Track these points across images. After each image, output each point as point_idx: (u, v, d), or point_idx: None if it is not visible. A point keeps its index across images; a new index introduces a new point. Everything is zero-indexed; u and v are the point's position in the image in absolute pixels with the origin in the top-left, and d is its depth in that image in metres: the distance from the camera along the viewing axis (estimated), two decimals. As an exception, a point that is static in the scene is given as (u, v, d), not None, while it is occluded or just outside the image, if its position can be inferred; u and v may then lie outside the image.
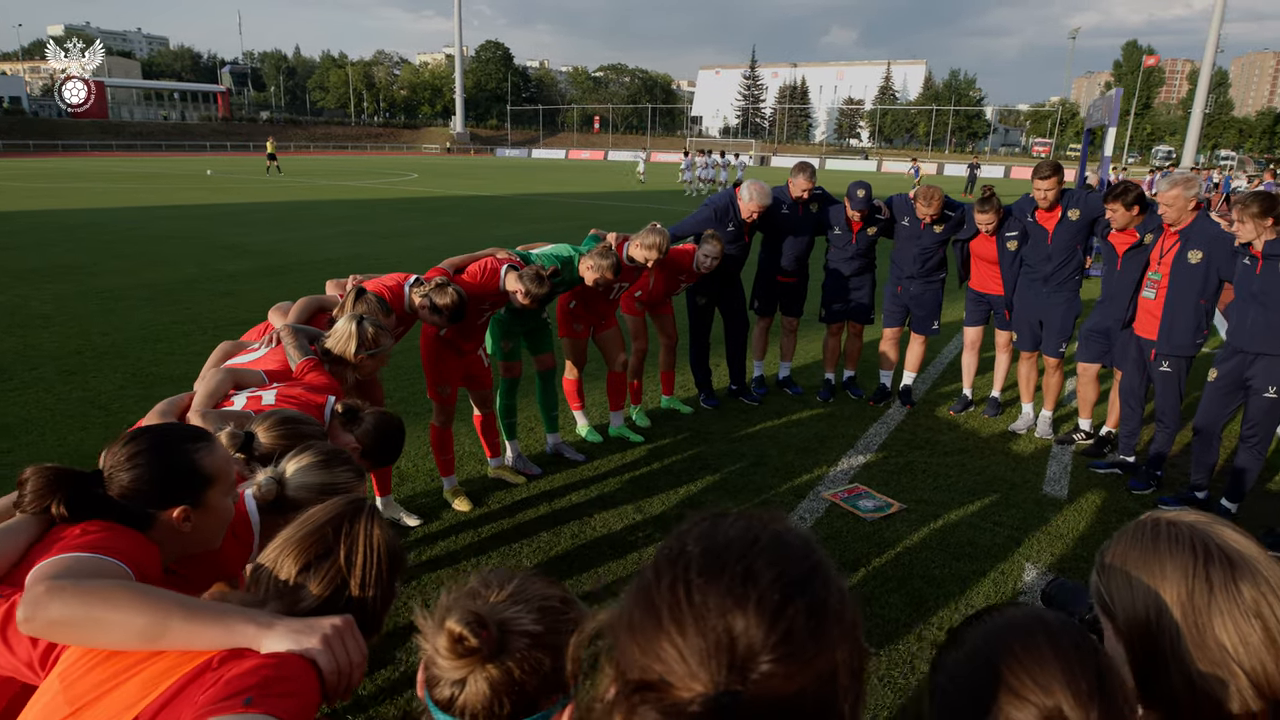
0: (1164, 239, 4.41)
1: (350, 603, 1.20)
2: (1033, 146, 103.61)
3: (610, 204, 24.04)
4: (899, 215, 5.61)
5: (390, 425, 2.46)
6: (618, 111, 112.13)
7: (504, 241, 14.19)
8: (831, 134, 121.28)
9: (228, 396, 2.46)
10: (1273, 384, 3.90)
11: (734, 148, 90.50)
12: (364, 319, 2.85)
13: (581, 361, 4.98)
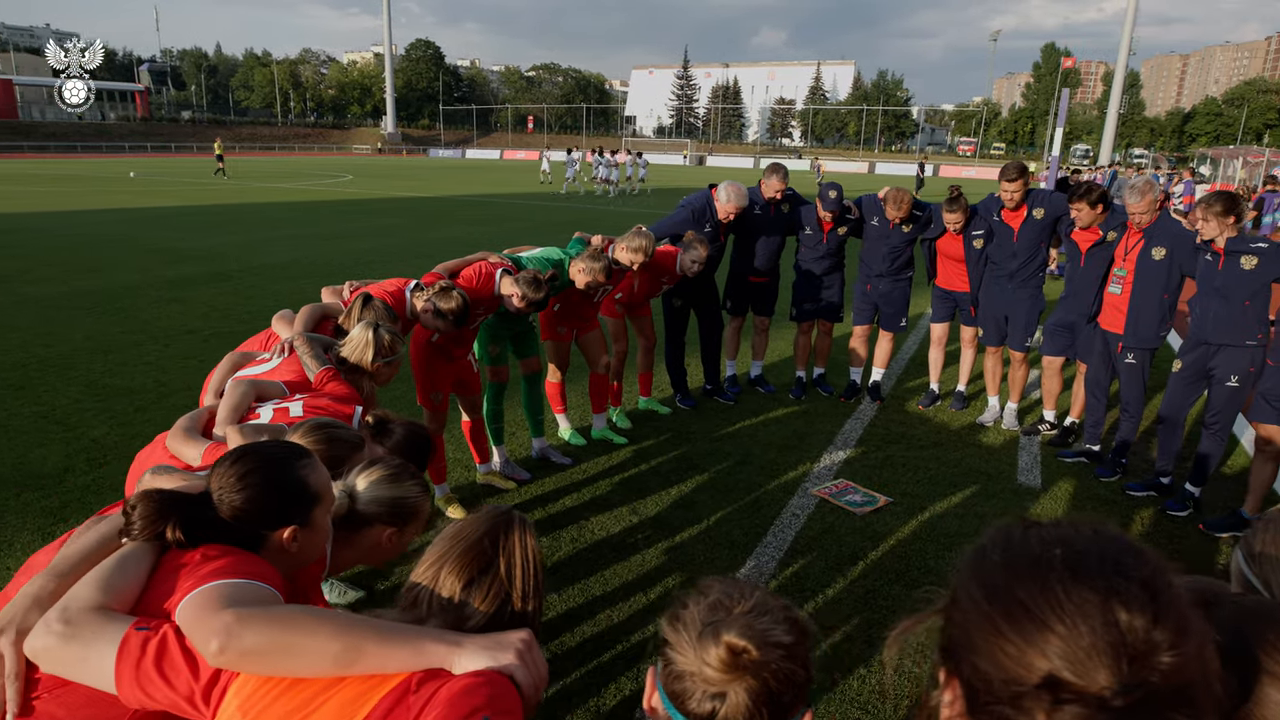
0: (1128, 237, 4.62)
1: (513, 616, 1.17)
2: (958, 145, 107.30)
3: (552, 205, 23.92)
4: (868, 215, 5.73)
5: (420, 436, 2.40)
6: (552, 111, 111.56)
7: (455, 242, 13.93)
8: (764, 134, 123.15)
9: (252, 409, 2.37)
10: (1234, 373, 4.13)
11: (669, 148, 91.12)
12: (380, 326, 2.78)
13: (564, 364, 4.95)
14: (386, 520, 1.70)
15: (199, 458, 2.15)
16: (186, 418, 2.34)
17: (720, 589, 0.97)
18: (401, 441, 2.36)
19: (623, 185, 30.85)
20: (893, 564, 3.72)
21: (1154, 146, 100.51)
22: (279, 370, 2.67)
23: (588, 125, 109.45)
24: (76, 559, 1.39)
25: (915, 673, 2.96)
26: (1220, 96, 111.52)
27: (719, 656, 0.87)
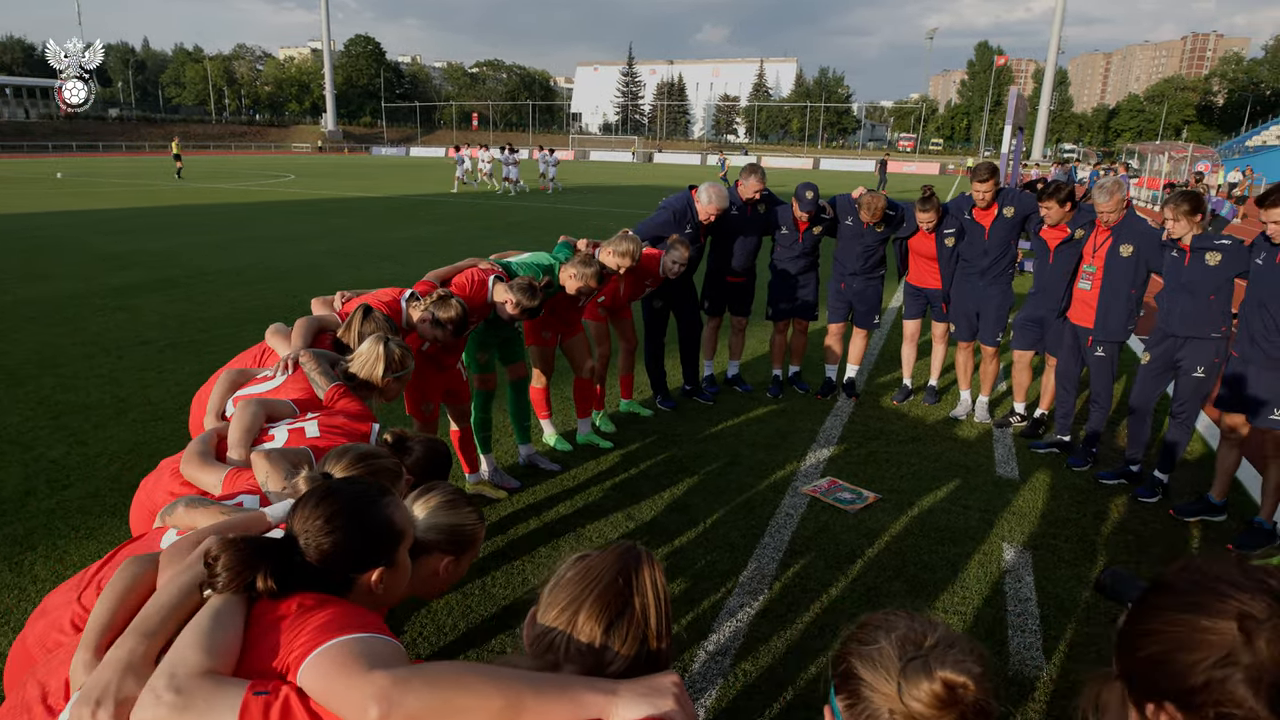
0: (1097, 234, 4.78)
1: (649, 656, 1.14)
2: (898, 141, 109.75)
3: (509, 205, 23.67)
4: (842, 215, 5.81)
5: (439, 452, 2.34)
6: (497, 109, 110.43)
7: (413, 244, 13.70)
8: (710, 130, 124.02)
9: (264, 430, 2.28)
10: (1200, 364, 4.31)
11: (616, 145, 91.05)
12: (390, 340, 2.71)
13: (549, 369, 4.89)
14: (445, 548, 1.65)
15: (219, 484, 2.06)
16: (198, 441, 2.24)
17: (904, 624, 0.96)
18: (421, 459, 2.30)
19: (528, 184, 29.61)
20: (890, 561, 3.78)
21: (1082, 141, 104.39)
22: (284, 388, 2.57)
23: (533, 123, 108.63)
24: (161, 617, 1.31)
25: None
26: (1142, 94, 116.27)
27: (932, 692, 0.87)
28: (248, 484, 2.00)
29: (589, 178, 39.49)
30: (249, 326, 7.82)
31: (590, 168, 56.23)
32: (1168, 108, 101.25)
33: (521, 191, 28.44)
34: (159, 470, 2.34)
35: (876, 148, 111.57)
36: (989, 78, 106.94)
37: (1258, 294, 3.95)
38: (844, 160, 73.49)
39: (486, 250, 4.67)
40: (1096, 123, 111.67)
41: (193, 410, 3.05)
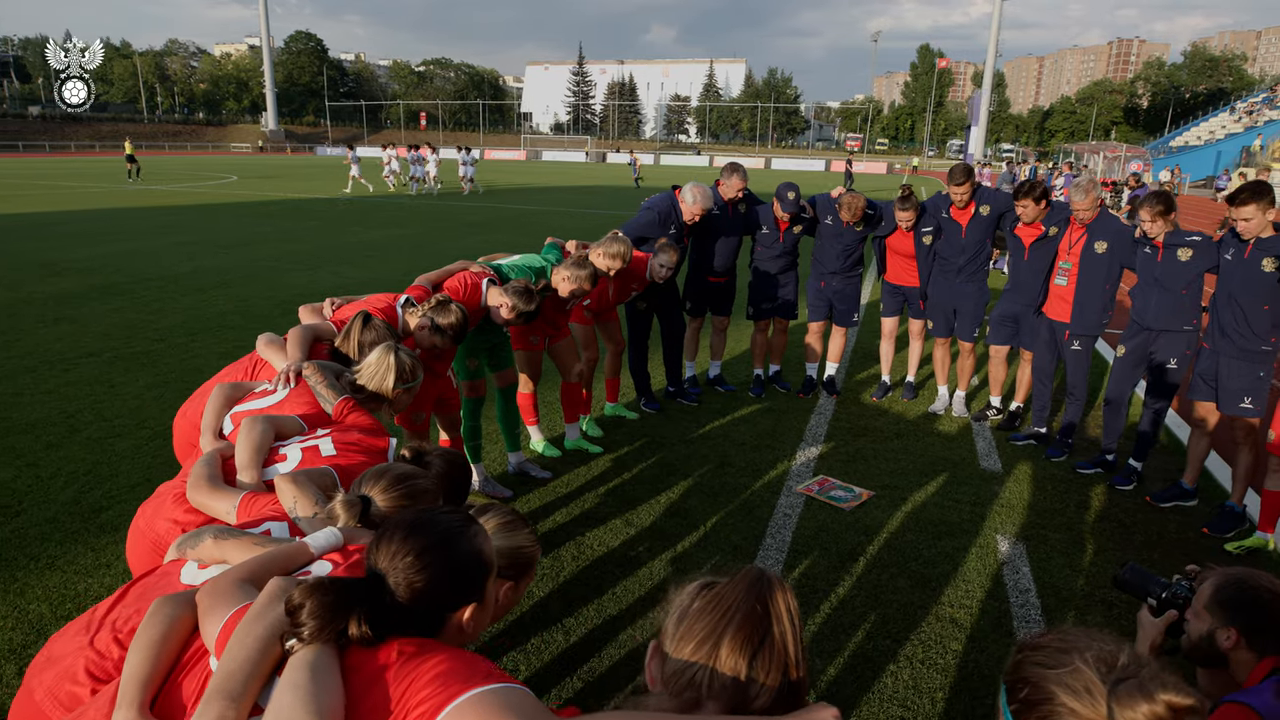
0: (1071, 232, 4.90)
1: (789, 686, 1.09)
2: (846, 141, 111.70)
3: (468, 206, 23.34)
4: (822, 214, 5.85)
5: (459, 466, 2.26)
6: (446, 108, 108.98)
7: (370, 248, 13.46)
8: (661, 130, 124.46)
9: (275, 449, 2.16)
10: (1174, 356, 4.45)
11: (569, 145, 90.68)
12: (399, 348, 2.60)
13: (537, 374, 4.81)
14: (505, 574, 1.57)
15: (232, 511, 1.94)
16: (203, 464, 2.11)
17: (1088, 642, 0.94)
18: (443, 474, 2.21)
19: (427, 185, 27.63)
20: (891, 558, 3.80)
21: (1019, 141, 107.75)
22: (288, 403, 2.45)
23: (484, 122, 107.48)
24: (244, 676, 1.20)
25: (941, 664, 3.04)
26: (1074, 96, 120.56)
27: (1152, 714, 0.84)
28: (270, 510, 1.89)
29: (529, 178, 39.23)
30: (203, 336, 7.54)
31: (538, 168, 55.86)
32: (1097, 109, 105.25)
33: (429, 194, 26.92)
34: (158, 497, 2.19)
35: (825, 147, 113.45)
36: (931, 79, 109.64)
37: (1228, 288, 4.09)
38: (794, 160, 74.50)
39: (445, 252, 4.56)
40: (1032, 123, 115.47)
41: (177, 428, 2.89)
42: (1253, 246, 3.97)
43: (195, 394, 2.95)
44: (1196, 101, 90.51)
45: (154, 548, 2.05)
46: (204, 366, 6.48)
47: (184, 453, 2.81)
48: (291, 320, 3.27)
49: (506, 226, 17.73)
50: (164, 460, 4.62)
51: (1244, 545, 4.00)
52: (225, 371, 2.97)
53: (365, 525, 1.73)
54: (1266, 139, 39.43)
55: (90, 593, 3.32)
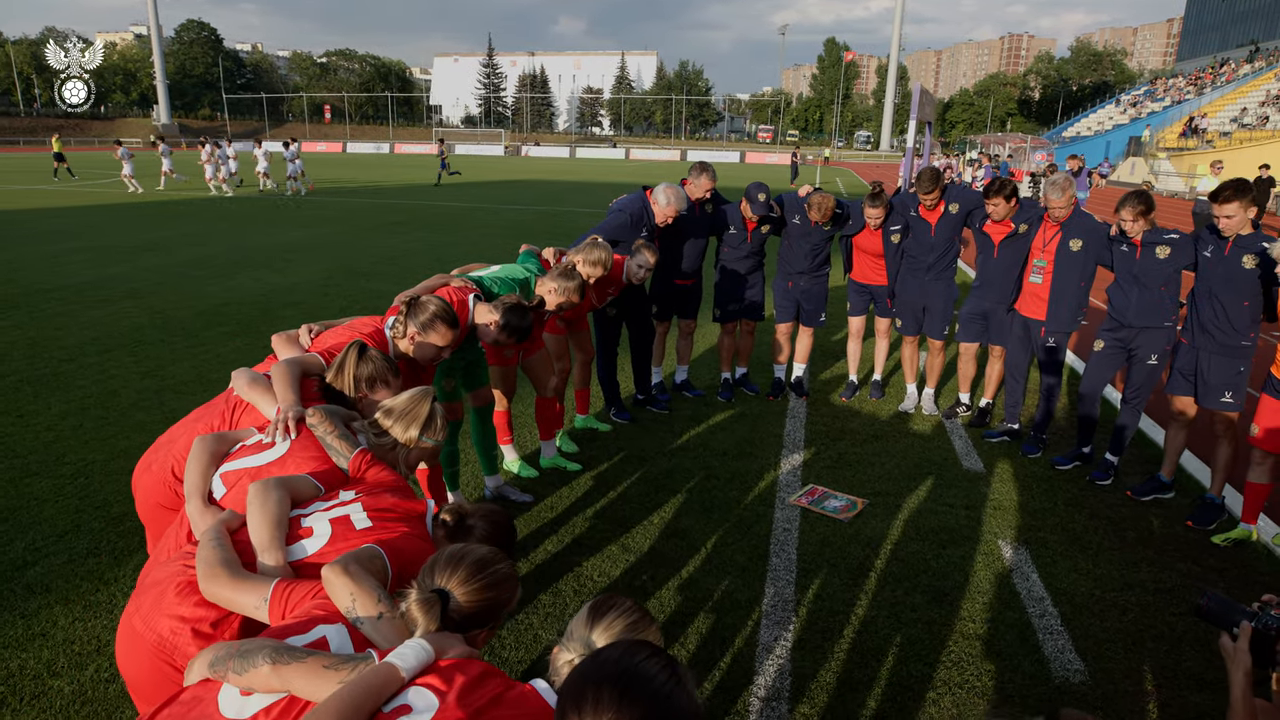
0: (1045, 229, 4.91)
1: None
2: (758, 133, 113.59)
3: (386, 204, 22.42)
4: (790, 214, 5.73)
5: (503, 528, 1.99)
6: (352, 100, 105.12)
7: (292, 249, 12.68)
8: (575, 123, 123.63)
9: (295, 520, 1.83)
10: (1154, 353, 4.51)
11: (482, 138, 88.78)
12: (435, 396, 2.29)
13: (512, 390, 4.51)
14: None
15: (264, 606, 1.62)
16: (214, 545, 1.76)
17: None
18: (485, 538, 1.94)
19: (224, 185, 24.01)
20: (901, 571, 3.69)
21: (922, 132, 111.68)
22: (292, 458, 2.10)
23: (392, 115, 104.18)
24: None
25: (979, 686, 2.93)
26: (971, 88, 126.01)
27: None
28: (315, 605, 1.57)
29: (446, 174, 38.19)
30: (118, 353, 6.85)
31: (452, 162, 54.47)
32: (993, 101, 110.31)
33: (222, 194, 23.60)
34: (150, 591, 1.80)
35: (737, 139, 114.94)
36: (838, 72, 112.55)
37: (1208, 284, 4.15)
38: (709, 152, 75.02)
39: (368, 252, 4.20)
40: (934, 115, 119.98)
41: (140, 485, 2.48)
42: (1233, 244, 4.03)
43: (158, 443, 2.55)
44: (1084, 94, 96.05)
45: (157, 652, 1.69)
46: (122, 388, 5.88)
47: (153, 516, 2.41)
48: (221, 331, 2.88)
49: (427, 224, 17.07)
50: (94, 502, 4.10)
51: (1230, 537, 4.07)
52: (197, 416, 2.57)
53: (445, 626, 1.46)
54: (1154, 130, 42.12)
55: (27, 670, 2.86)
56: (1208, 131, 38.78)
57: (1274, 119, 36.42)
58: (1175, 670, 3.07)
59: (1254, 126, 36.71)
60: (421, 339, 2.87)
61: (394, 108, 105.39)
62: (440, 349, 2.91)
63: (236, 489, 2.07)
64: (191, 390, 5.87)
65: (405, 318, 2.88)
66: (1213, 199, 4.01)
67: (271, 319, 8.06)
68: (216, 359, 6.69)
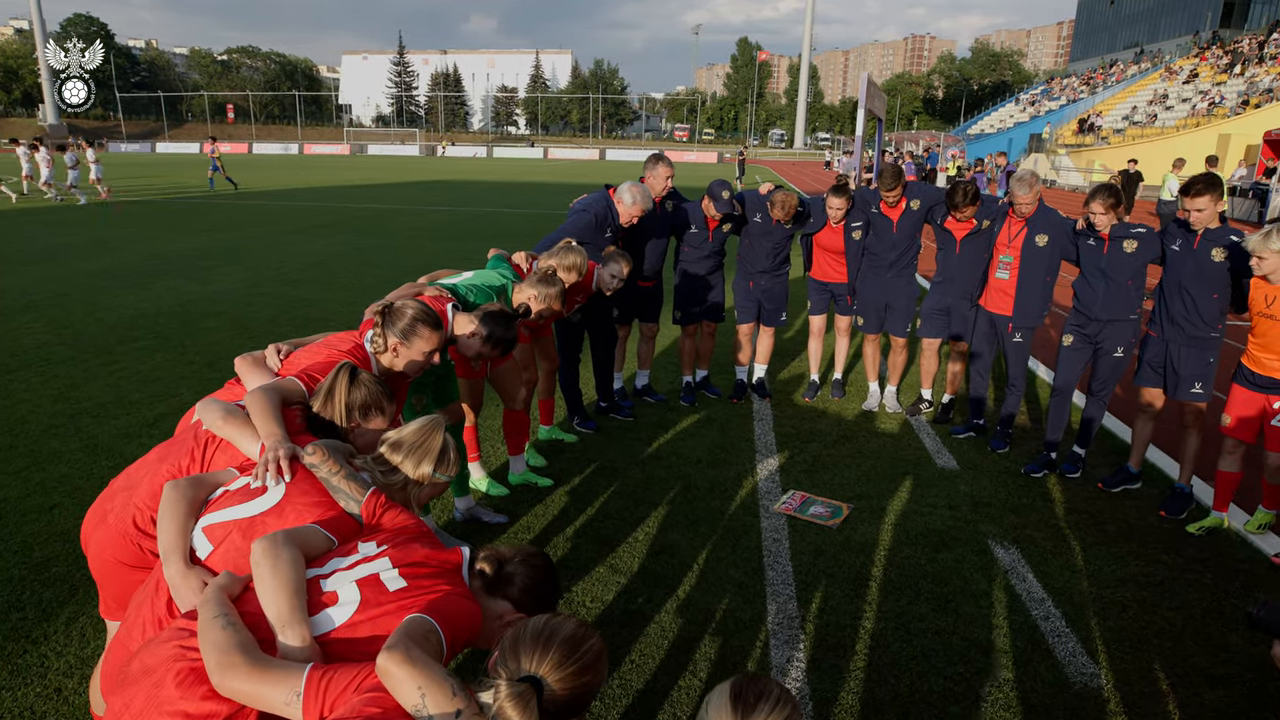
0: (1010, 225, 4.92)
1: None
2: (674, 131, 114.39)
3: (308, 207, 21.40)
4: (751, 212, 5.60)
5: (545, 573, 1.75)
6: (257, 99, 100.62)
7: (203, 255, 11.94)
8: (490, 122, 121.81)
9: (313, 582, 1.54)
10: (1120, 345, 4.56)
11: (395, 138, 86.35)
12: (447, 425, 2.02)
13: (479, 404, 4.21)
14: None
15: (295, 701, 1.32)
16: (221, 623, 1.45)
17: None
18: (528, 587, 1.70)
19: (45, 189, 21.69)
20: (900, 579, 3.59)
21: (834, 130, 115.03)
22: (291, 505, 1.79)
23: (300, 114, 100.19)
24: None
25: (1002, 699, 2.83)
26: (880, 86, 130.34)
27: None
28: (368, 703, 1.29)
29: (364, 174, 36.99)
30: (23, 373, 6.18)
31: (366, 163, 52.77)
32: (900, 100, 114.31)
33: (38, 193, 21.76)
34: (140, 682, 1.44)
35: (653, 138, 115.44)
36: (751, 71, 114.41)
37: (1177, 277, 4.21)
38: (628, 150, 75.04)
39: (293, 256, 3.87)
40: (845, 113, 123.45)
41: (94, 544, 2.09)
42: (1201, 237, 4.10)
43: (112, 489, 2.18)
44: (984, 93, 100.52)
45: None
46: (31, 415, 5.27)
47: (111, 575, 2.05)
48: (137, 346, 2.51)
49: (350, 227, 16.34)
50: (11, 546, 3.59)
51: (1203, 526, 4.14)
52: (160, 456, 2.19)
53: None
54: (1053, 127, 44.34)
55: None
56: (1102, 129, 41.05)
57: (1162, 116, 38.84)
58: (1185, 667, 3.05)
59: (1144, 124, 39.06)
60: (405, 348, 2.58)
61: (302, 107, 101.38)
62: (428, 356, 2.63)
63: (226, 546, 1.76)
64: (111, 413, 5.32)
65: (383, 329, 2.58)
66: (1184, 193, 4.06)
67: (193, 331, 7.45)
68: (136, 377, 6.10)
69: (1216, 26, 51.11)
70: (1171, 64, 46.65)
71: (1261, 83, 34.82)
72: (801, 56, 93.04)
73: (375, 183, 31.34)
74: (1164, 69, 46.49)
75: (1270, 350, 3.87)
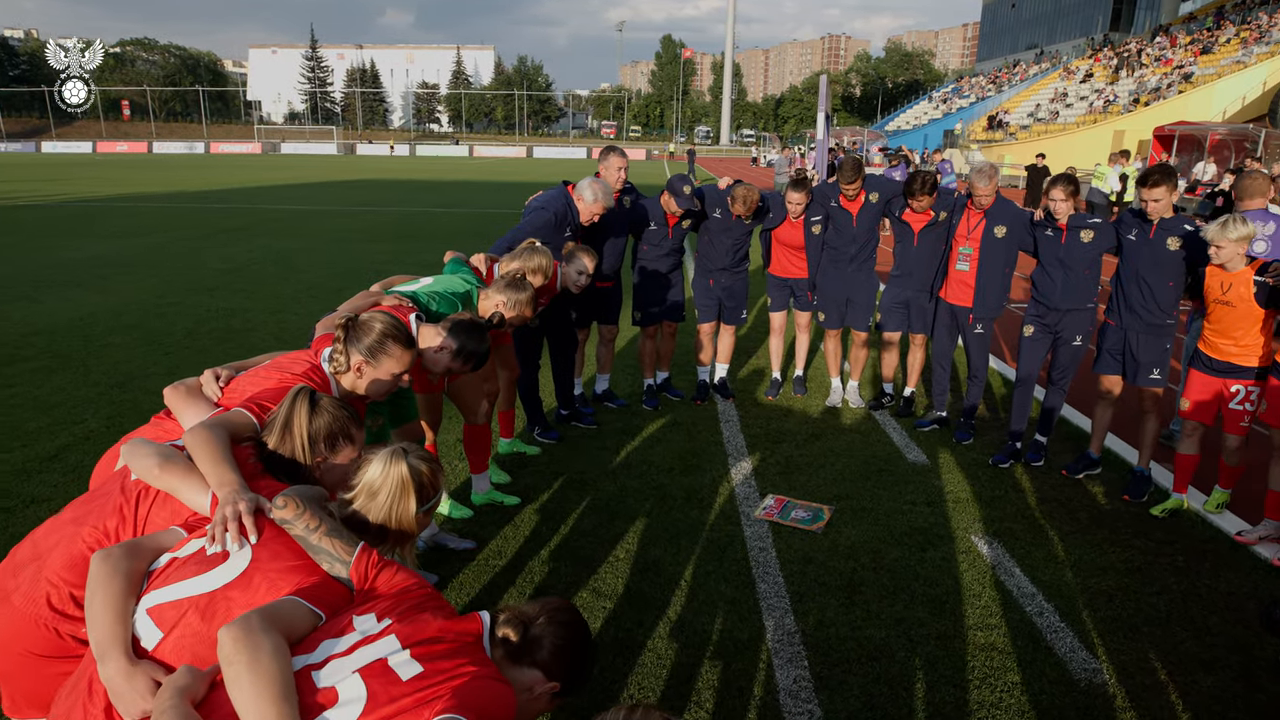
0: (969, 217, 4.92)
1: None
2: (601, 129, 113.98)
3: (214, 209, 20.26)
4: (710, 208, 5.45)
5: (577, 630, 1.54)
6: (156, 95, 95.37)
7: (100, 262, 11.29)
8: (411, 119, 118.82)
9: (309, 677, 1.28)
10: (1079, 334, 4.61)
11: (311, 136, 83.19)
12: (408, 452, 1.76)
13: (439, 420, 3.94)
14: None
15: None
16: None
17: None
18: (559, 649, 1.48)
19: None
20: (892, 582, 3.50)
21: (758, 127, 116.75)
22: (261, 574, 1.50)
23: (205, 111, 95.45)
24: None
25: (1014, 704, 2.76)
26: (800, 85, 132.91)
27: None
28: None
29: (279, 174, 35.50)
30: (-95, 402, 5.53)
31: (281, 162, 50.67)
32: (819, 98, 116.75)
33: None
34: None
35: (580, 135, 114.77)
36: (676, 68, 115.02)
37: (1134, 266, 4.27)
38: (556, 148, 74.37)
39: (206, 262, 3.55)
40: (767, 111, 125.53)
41: None
42: (1157, 227, 4.15)
43: (15, 559, 1.81)
44: (898, 91, 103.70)
45: None
46: (-83, 452, 4.69)
47: (19, 670, 1.71)
48: (31, 367, 2.17)
49: (268, 230, 15.54)
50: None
51: (1166, 508, 4.21)
52: (76, 517, 1.83)
53: None
54: (965, 123, 46.03)
55: None
56: (1010, 125, 42.82)
57: (1063, 114, 40.77)
58: (1178, 654, 3.06)
59: (1047, 120, 40.93)
60: (371, 368, 2.30)
61: (206, 103, 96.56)
62: (396, 377, 2.36)
63: (181, 631, 1.46)
64: (4, 446, 4.77)
65: (345, 345, 2.29)
66: (1141, 184, 4.12)
67: (97, 348, 6.83)
68: (32, 403, 5.51)
69: (1107, 30, 54.07)
70: (1069, 64, 49.05)
71: (1150, 82, 36.92)
72: (725, 54, 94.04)
73: (292, 183, 30.01)
74: (1062, 69, 48.85)
75: (1226, 336, 3.95)
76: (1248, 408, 3.91)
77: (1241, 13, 40.04)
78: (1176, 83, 34.49)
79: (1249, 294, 3.74)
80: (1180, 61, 37.40)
